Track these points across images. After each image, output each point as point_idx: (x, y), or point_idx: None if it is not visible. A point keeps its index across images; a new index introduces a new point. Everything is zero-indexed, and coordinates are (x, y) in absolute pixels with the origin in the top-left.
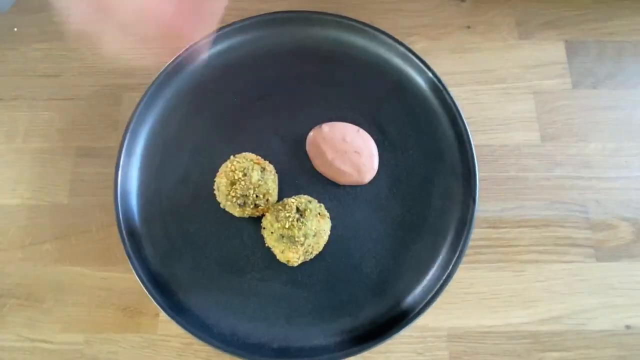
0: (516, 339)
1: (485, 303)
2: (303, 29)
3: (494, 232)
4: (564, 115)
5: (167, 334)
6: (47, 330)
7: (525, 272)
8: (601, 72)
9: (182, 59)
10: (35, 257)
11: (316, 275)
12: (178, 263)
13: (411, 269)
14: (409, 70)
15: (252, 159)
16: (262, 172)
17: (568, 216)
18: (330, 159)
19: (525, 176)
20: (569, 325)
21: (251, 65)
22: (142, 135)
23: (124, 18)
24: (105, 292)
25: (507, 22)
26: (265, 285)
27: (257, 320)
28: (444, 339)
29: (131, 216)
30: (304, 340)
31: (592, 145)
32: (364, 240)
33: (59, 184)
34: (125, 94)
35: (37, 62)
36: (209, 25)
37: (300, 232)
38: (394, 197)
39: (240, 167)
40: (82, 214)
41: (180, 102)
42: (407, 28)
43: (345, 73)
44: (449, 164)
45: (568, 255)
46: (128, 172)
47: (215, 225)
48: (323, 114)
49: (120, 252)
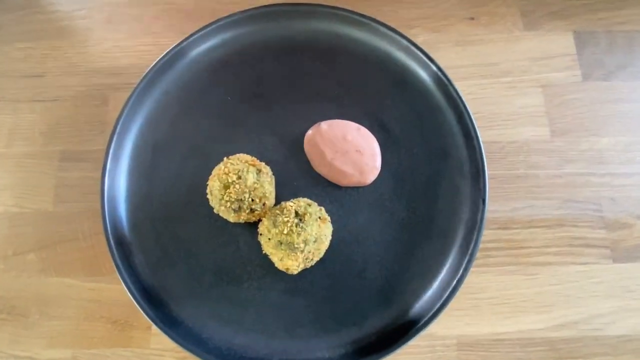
0: (530, 346)
1: (497, 309)
2: (299, 23)
3: (504, 233)
4: (574, 109)
5: (160, 348)
6: (32, 345)
7: (538, 275)
8: (612, 64)
9: (171, 56)
10: (18, 267)
11: (318, 283)
12: (170, 272)
13: (418, 274)
14: (411, 64)
15: (247, 160)
16: (257, 175)
17: (581, 215)
18: (329, 159)
19: (535, 174)
20: (586, 331)
21: (244, 62)
22: (130, 137)
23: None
24: (93, 304)
25: (511, 13)
26: (263, 294)
27: (255, 332)
28: (453, 347)
29: (119, 223)
30: (305, 352)
31: (604, 140)
32: (368, 245)
33: (43, 190)
34: (112, 94)
35: (20, 61)
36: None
37: (300, 238)
38: (398, 198)
39: (234, 170)
40: (67, 221)
41: (170, 101)
42: (408, 20)
43: (345, 68)
44: (456, 163)
45: (583, 257)
46: (115, 177)
47: (209, 231)
48: (321, 111)
49: (109, 262)
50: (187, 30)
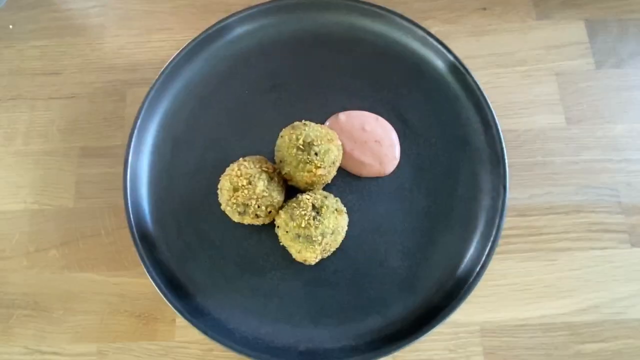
0: (552, 331)
1: (518, 295)
2: (315, 15)
3: (522, 220)
4: (589, 97)
5: (185, 341)
6: (57, 341)
7: (558, 261)
8: (624, 51)
9: (189, 51)
10: (41, 264)
11: (340, 273)
12: (194, 265)
13: (440, 262)
14: (427, 54)
15: (261, 164)
16: (268, 182)
17: (599, 201)
18: (349, 150)
19: (552, 161)
20: (607, 315)
21: (261, 55)
22: (150, 131)
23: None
24: (117, 298)
25: (524, 3)
26: (287, 284)
27: (280, 322)
28: (477, 334)
29: (142, 217)
30: (331, 341)
31: (619, 126)
32: (389, 234)
33: (63, 187)
34: (129, 90)
35: (35, 60)
36: None
37: (318, 230)
38: (418, 187)
39: (246, 174)
40: (89, 217)
41: (189, 95)
42: (422, 12)
43: (361, 59)
44: (475, 151)
45: (601, 242)
46: (137, 171)
47: (231, 224)
48: (339, 103)
49: (131, 256)
50: (202, 25)
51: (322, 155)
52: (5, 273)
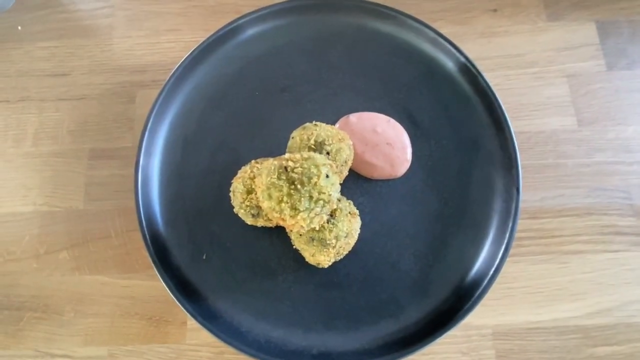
0: (565, 334)
1: (531, 298)
2: (325, 16)
3: (534, 222)
4: (600, 99)
5: (196, 344)
6: (67, 344)
7: (570, 264)
8: (635, 53)
9: (199, 52)
10: (51, 266)
11: (352, 276)
12: (205, 267)
13: (453, 265)
14: (438, 55)
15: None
16: None
17: (611, 203)
18: (360, 152)
19: (564, 163)
20: (620, 318)
21: (272, 57)
22: (161, 132)
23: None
24: (128, 301)
25: (534, 4)
26: (299, 287)
27: (293, 325)
28: (489, 337)
29: (153, 219)
30: (345, 345)
31: (631, 128)
32: (401, 237)
33: (73, 189)
34: (138, 91)
35: (44, 61)
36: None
37: (332, 234)
38: (430, 190)
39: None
40: (99, 219)
41: (200, 97)
42: (432, 13)
43: (372, 61)
44: (487, 153)
45: (613, 244)
46: (148, 173)
47: (242, 226)
48: (350, 104)
49: (141, 258)
50: (211, 26)
51: (333, 154)
52: (15, 275)
